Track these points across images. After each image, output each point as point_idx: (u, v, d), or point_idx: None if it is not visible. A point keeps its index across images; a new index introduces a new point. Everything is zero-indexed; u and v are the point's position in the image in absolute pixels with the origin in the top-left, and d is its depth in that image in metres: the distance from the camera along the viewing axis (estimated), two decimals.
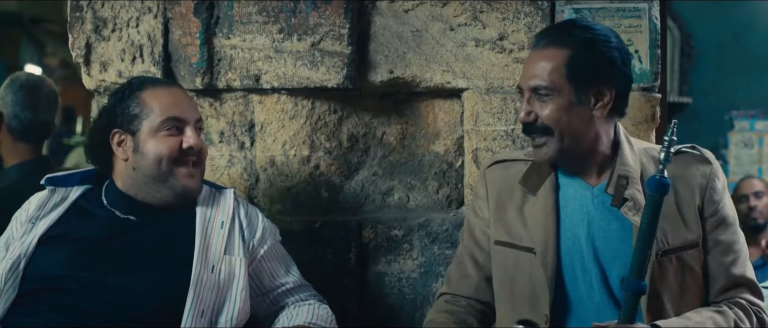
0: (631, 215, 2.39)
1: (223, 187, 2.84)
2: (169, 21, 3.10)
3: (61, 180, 2.74)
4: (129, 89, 2.68)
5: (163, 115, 2.63)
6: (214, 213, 2.71)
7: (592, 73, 2.41)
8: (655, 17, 3.02)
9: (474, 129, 3.10)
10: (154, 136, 2.63)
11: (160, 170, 2.63)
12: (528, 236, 2.49)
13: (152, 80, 2.77)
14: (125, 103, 2.66)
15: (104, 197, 2.70)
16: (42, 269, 2.55)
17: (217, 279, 2.59)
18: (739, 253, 2.50)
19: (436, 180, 3.20)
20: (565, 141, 2.42)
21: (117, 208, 2.67)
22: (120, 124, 2.65)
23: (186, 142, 2.65)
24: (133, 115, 2.64)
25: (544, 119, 2.42)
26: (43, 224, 2.63)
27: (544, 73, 2.40)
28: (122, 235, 2.62)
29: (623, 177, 2.44)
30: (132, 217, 2.66)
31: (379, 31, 3.10)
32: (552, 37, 2.44)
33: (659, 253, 2.39)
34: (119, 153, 2.66)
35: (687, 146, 2.55)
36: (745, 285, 2.49)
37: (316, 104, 3.16)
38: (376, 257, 3.13)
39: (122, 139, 2.66)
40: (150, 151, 2.62)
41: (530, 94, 2.44)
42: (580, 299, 2.45)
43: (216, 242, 2.65)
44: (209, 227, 2.66)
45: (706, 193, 2.48)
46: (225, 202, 2.75)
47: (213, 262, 2.61)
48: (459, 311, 2.58)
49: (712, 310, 2.42)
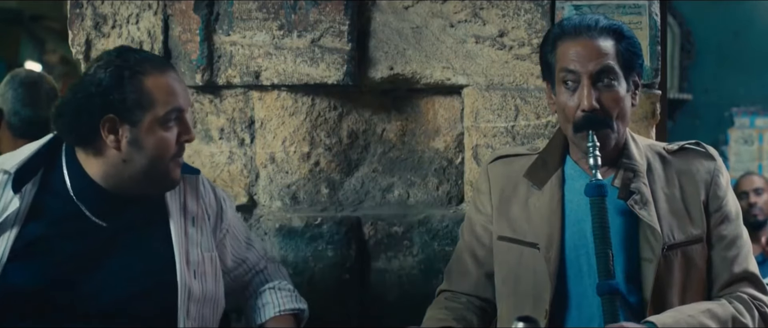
0: (638, 209, 2.39)
1: (189, 169, 2.61)
2: (169, 18, 3.10)
3: (22, 179, 2.42)
4: (128, 69, 2.36)
5: (167, 107, 2.38)
6: (185, 206, 2.56)
7: (634, 63, 2.44)
8: (655, 14, 3.02)
9: (474, 126, 3.10)
10: (157, 131, 2.38)
11: (157, 165, 2.41)
12: (532, 232, 2.49)
13: (151, 61, 2.44)
14: (124, 86, 2.35)
15: (69, 185, 2.43)
16: (16, 285, 2.35)
17: (201, 286, 2.51)
18: (743, 248, 2.50)
19: (436, 177, 3.20)
20: (619, 132, 2.44)
21: (86, 204, 2.42)
22: (116, 110, 2.35)
23: (186, 136, 2.45)
24: (134, 103, 2.35)
25: (606, 105, 2.38)
26: (10, 233, 2.37)
27: (609, 56, 2.39)
28: (97, 247, 2.42)
29: (630, 171, 2.44)
30: (103, 222, 2.43)
31: (379, 28, 3.10)
32: (595, 27, 2.42)
33: (665, 247, 2.39)
34: (110, 141, 2.37)
35: (691, 143, 2.56)
36: (747, 280, 2.49)
37: (316, 101, 3.16)
38: (376, 253, 3.13)
39: (116, 128, 2.37)
40: (151, 148, 2.38)
41: (590, 80, 2.39)
42: (584, 293, 2.45)
43: (193, 242, 2.53)
44: (184, 227, 2.53)
45: (710, 188, 2.49)
46: (192, 190, 2.60)
47: (194, 267, 2.50)
48: (459, 307, 2.58)
49: (709, 303, 2.42)
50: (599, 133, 2.40)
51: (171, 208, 2.52)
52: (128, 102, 2.35)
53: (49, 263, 2.38)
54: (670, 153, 2.53)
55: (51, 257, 2.38)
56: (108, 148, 2.39)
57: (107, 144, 2.38)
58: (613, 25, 2.44)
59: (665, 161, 2.51)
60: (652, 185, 2.45)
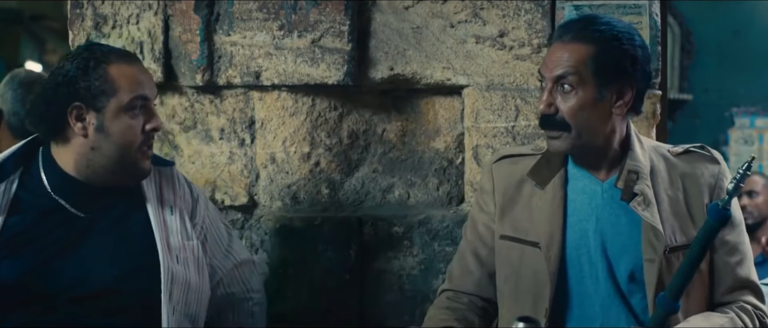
0: (641, 210, 2.39)
1: (162, 161, 2.70)
2: (170, 18, 3.10)
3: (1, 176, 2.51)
4: (93, 60, 2.46)
5: (131, 94, 2.46)
6: (161, 196, 2.61)
7: (616, 70, 2.38)
8: (656, 14, 3.02)
9: (474, 126, 3.10)
10: (121, 117, 2.46)
11: (125, 154, 2.48)
12: (534, 231, 2.49)
13: (116, 52, 2.55)
14: (89, 75, 2.44)
15: (46, 182, 2.52)
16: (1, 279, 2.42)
17: (184, 272, 2.55)
18: (745, 254, 2.51)
19: (437, 177, 3.20)
20: (582, 137, 2.40)
21: (62, 195, 2.50)
22: (82, 97, 2.44)
23: (151, 124, 2.51)
24: (98, 90, 2.43)
25: (564, 113, 2.38)
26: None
27: (570, 64, 2.37)
28: (76, 236, 2.49)
29: (633, 172, 2.43)
30: (81, 213, 2.51)
31: (380, 28, 3.10)
32: (576, 32, 2.40)
33: (667, 250, 2.38)
34: (77, 129, 2.46)
35: (695, 146, 2.55)
36: (749, 288, 2.50)
37: (316, 101, 3.16)
38: (376, 254, 3.13)
39: (83, 115, 2.45)
40: (116, 134, 2.46)
41: (552, 85, 2.40)
42: (585, 293, 2.45)
43: (172, 229, 2.58)
44: (162, 214, 2.58)
45: (714, 192, 2.48)
46: (167, 181, 2.65)
47: (176, 252, 2.55)
48: (460, 307, 2.58)
49: (720, 317, 2.42)
50: (552, 134, 2.42)
51: (148, 196, 2.59)
52: (93, 89, 2.44)
53: (31, 255, 2.45)
54: (674, 156, 2.53)
55: (33, 248, 2.46)
56: (76, 136, 2.48)
57: (75, 132, 2.47)
58: (596, 29, 2.40)
59: (669, 164, 2.51)
60: (655, 186, 2.44)
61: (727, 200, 2.19)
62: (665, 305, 2.23)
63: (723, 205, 2.19)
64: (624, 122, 2.47)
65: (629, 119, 2.50)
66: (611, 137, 2.45)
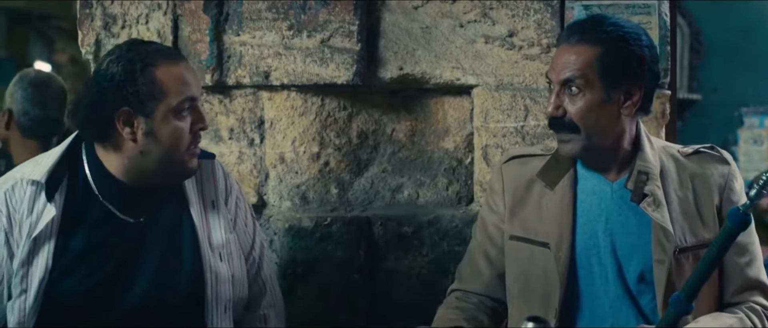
0: (651, 211, 2.38)
1: (204, 154, 2.63)
2: (179, 18, 3.11)
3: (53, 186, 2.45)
4: (139, 62, 2.39)
5: (179, 96, 2.41)
6: (203, 192, 2.60)
7: (623, 71, 2.38)
8: (665, 14, 3.01)
9: (484, 126, 3.10)
10: (171, 121, 2.41)
11: (174, 157, 2.44)
12: (543, 231, 2.49)
13: (161, 51, 2.49)
14: (136, 79, 2.37)
15: (93, 184, 2.47)
16: (61, 298, 2.40)
17: (228, 268, 2.56)
18: (755, 255, 2.50)
19: (446, 177, 3.20)
20: (592, 139, 2.41)
21: (110, 200, 2.46)
22: (130, 102, 2.38)
23: (200, 125, 2.47)
24: (147, 95, 2.37)
25: (572, 116, 2.39)
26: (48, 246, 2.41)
27: (576, 67, 2.37)
28: (130, 247, 2.47)
29: (643, 173, 2.43)
30: (130, 218, 2.47)
31: (389, 28, 3.10)
32: (583, 33, 2.40)
33: (677, 250, 2.38)
34: (126, 134, 2.40)
35: (705, 146, 2.55)
36: (758, 288, 2.50)
37: (325, 101, 3.16)
38: (385, 253, 3.13)
39: (132, 120, 2.40)
40: (166, 138, 2.41)
41: (560, 87, 2.40)
42: (595, 293, 2.45)
43: (214, 226, 2.58)
44: (204, 213, 2.58)
45: (724, 193, 2.48)
46: (208, 175, 2.64)
47: (218, 250, 2.56)
48: (470, 307, 2.58)
49: (729, 318, 2.42)
50: (562, 137, 2.42)
51: (190, 195, 2.57)
52: (141, 94, 2.38)
53: (92, 270, 2.43)
54: (684, 156, 2.52)
55: (93, 263, 2.43)
56: (125, 142, 2.42)
57: (124, 137, 2.41)
58: (603, 30, 2.40)
59: (679, 164, 2.50)
60: (665, 187, 2.44)
61: (748, 205, 2.16)
62: (678, 306, 2.22)
63: (743, 209, 2.16)
64: (633, 122, 2.47)
65: (639, 119, 2.49)
66: (621, 138, 2.45)
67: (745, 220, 2.16)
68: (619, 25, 2.42)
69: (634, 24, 2.50)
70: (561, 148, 2.46)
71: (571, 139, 2.42)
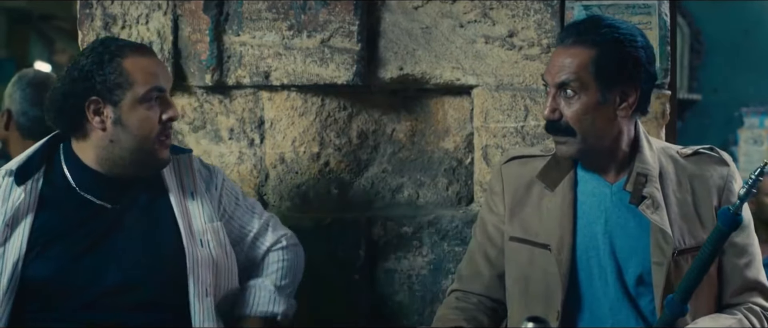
0: (650, 213, 2.38)
1: (179, 149, 2.73)
2: (179, 18, 3.10)
3: (25, 174, 2.55)
4: (108, 54, 2.50)
5: (146, 86, 2.50)
6: (182, 183, 2.67)
7: (618, 72, 2.38)
8: (665, 14, 3.01)
9: (484, 126, 3.10)
10: (138, 109, 2.50)
11: (144, 145, 2.52)
12: (544, 233, 2.49)
13: (130, 45, 2.58)
14: (105, 69, 2.48)
15: (70, 177, 2.57)
16: (36, 278, 2.48)
17: (209, 253, 2.59)
18: (754, 256, 2.50)
19: (446, 177, 3.20)
20: (588, 141, 2.41)
21: (87, 190, 2.55)
22: (99, 91, 2.48)
23: (168, 114, 2.54)
24: (114, 84, 2.47)
25: (568, 118, 2.39)
26: (23, 226, 2.50)
27: (571, 70, 2.37)
28: (106, 229, 2.54)
29: (642, 175, 2.43)
30: (107, 204, 2.55)
31: (389, 28, 3.10)
32: (578, 35, 2.41)
33: (675, 253, 2.38)
34: (96, 123, 2.50)
35: (705, 148, 2.54)
36: (757, 289, 2.50)
37: (325, 101, 3.16)
38: (385, 254, 3.13)
39: (100, 109, 2.50)
40: (133, 126, 2.50)
41: (556, 90, 2.41)
42: (595, 295, 2.45)
43: (194, 214, 2.63)
44: (183, 201, 2.64)
45: (723, 194, 2.48)
46: (186, 168, 2.70)
47: (199, 236, 2.60)
48: (470, 308, 2.58)
49: (729, 318, 2.42)
50: (558, 139, 2.43)
51: (169, 184, 2.64)
52: (109, 83, 2.49)
53: (62, 252, 2.51)
54: (683, 157, 2.52)
55: (63, 245, 2.51)
56: (95, 130, 2.53)
57: (94, 126, 2.52)
58: (598, 32, 2.40)
59: (678, 165, 2.50)
60: (664, 188, 2.44)
61: (738, 205, 2.17)
62: (673, 308, 2.23)
63: (734, 210, 2.17)
64: (631, 123, 2.47)
65: (637, 120, 2.49)
66: (618, 139, 2.45)
67: (735, 220, 2.17)
68: (615, 27, 2.42)
69: (631, 25, 2.50)
70: (558, 149, 2.47)
71: (567, 141, 2.42)
